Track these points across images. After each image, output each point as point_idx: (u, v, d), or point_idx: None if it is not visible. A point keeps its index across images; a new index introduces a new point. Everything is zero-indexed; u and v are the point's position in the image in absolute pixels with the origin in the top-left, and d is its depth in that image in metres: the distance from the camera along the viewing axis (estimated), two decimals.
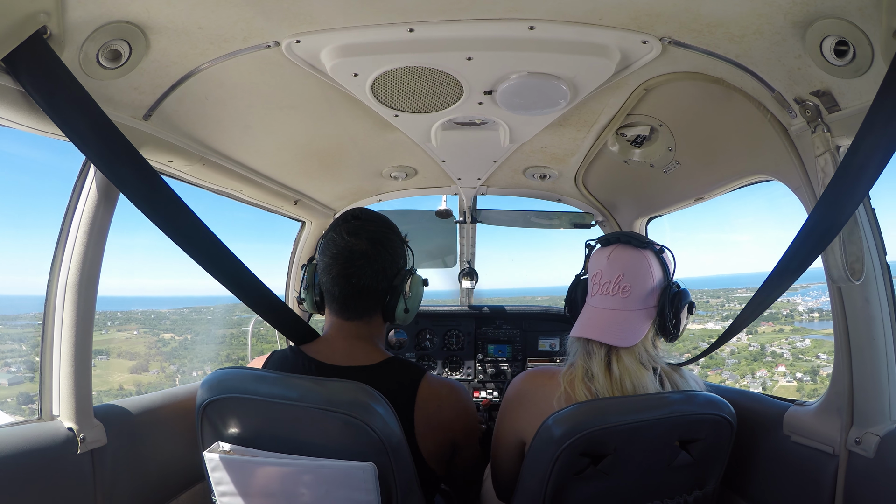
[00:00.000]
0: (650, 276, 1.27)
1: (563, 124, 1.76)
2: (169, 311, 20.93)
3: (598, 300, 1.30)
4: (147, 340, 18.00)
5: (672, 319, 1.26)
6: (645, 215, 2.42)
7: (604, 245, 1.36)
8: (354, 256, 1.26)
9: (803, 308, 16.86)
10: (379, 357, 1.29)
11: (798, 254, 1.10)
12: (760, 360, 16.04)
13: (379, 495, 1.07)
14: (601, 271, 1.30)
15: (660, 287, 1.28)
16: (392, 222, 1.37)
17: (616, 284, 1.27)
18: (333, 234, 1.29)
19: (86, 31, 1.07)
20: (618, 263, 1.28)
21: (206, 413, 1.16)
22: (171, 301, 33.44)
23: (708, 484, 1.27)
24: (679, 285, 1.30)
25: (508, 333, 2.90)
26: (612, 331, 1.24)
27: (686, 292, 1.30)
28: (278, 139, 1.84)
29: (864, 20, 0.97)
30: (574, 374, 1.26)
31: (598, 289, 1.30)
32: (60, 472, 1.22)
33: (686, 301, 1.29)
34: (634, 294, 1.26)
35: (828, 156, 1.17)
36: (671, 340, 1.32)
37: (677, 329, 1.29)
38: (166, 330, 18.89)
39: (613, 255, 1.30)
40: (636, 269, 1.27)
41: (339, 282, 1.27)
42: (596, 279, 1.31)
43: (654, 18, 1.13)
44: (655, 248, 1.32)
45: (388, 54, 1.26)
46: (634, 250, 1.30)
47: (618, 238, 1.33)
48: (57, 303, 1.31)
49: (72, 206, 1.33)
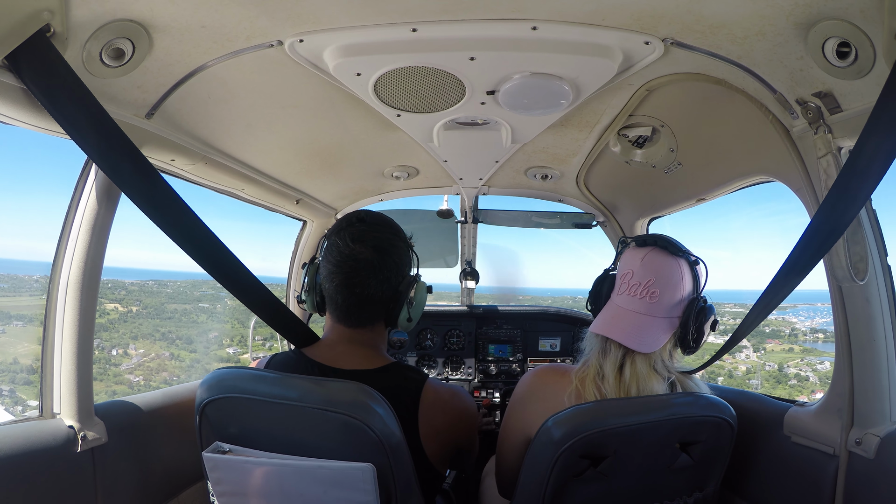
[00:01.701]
0: (681, 286, 1.26)
1: (565, 125, 1.76)
2: (130, 281, 19.85)
3: (624, 300, 1.29)
4: None
5: (694, 333, 1.25)
6: (646, 216, 2.42)
7: (639, 245, 1.33)
8: (359, 266, 1.23)
9: (802, 327, 16.70)
10: (382, 362, 1.28)
11: (803, 255, 1.09)
12: (785, 384, 15.77)
13: (378, 496, 1.07)
14: (632, 271, 1.29)
15: (688, 298, 1.27)
16: (397, 225, 1.35)
17: (645, 288, 1.25)
18: (337, 238, 1.26)
19: (89, 29, 1.07)
20: (651, 267, 1.26)
21: (205, 413, 1.16)
22: (141, 273, 32.30)
23: (708, 485, 1.27)
24: (706, 300, 1.28)
25: (509, 333, 2.90)
26: (633, 334, 1.23)
27: (712, 308, 1.28)
28: (280, 138, 1.84)
29: (866, 22, 0.97)
30: (587, 373, 1.26)
31: (627, 288, 1.28)
32: (61, 470, 1.22)
33: (711, 316, 1.28)
34: (662, 301, 1.25)
35: (830, 157, 1.17)
36: (689, 353, 1.31)
37: (698, 343, 1.27)
38: (114, 300, 17.48)
39: (648, 258, 1.28)
40: (668, 277, 1.26)
41: (343, 291, 1.25)
42: (625, 278, 1.30)
43: (656, 19, 1.14)
44: (691, 258, 1.30)
45: (390, 54, 1.26)
46: (670, 257, 1.28)
47: (655, 241, 1.31)
48: (58, 301, 1.31)
49: (73, 204, 1.33)
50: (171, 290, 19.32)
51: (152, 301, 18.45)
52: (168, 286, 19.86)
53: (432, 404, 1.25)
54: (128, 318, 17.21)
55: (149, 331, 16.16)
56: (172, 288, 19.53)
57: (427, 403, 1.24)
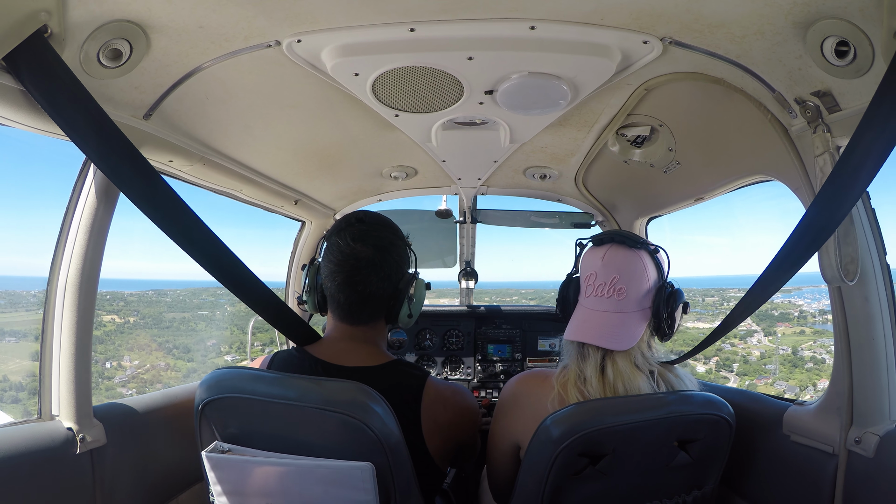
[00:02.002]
0: (645, 278, 1.26)
1: (564, 124, 1.76)
2: (129, 292, 19.53)
3: (592, 301, 1.29)
4: None
5: (667, 320, 1.26)
6: (645, 215, 2.42)
7: (597, 245, 1.33)
8: (361, 265, 1.25)
9: (810, 309, 16.65)
10: (383, 359, 1.29)
11: (793, 251, 1.10)
12: (802, 367, 15.66)
13: (377, 495, 1.07)
14: (595, 272, 1.29)
15: (654, 287, 1.27)
16: (395, 224, 1.37)
17: (611, 286, 1.25)
18: (337, 238, 1.28)
19: (87, 30, 1.07)
20: (613, 265, 1.27)
21: (204, 413, 1.16)
22: (141, 284, 32.11)
23: (707, 484, 1.27)
24: (673, 285, 1.29)
25: (508, 333, 2.90)
26: (608, 334, 1.23)
27: (680, 292, 1.29)
28: (279, 139, 1.84)
29: (864, 21, 0.97)
30: (567, 377, 1.26)
31: (593, 290, 1.28)
32: (60, 472, 1.22)
33: (681, 301, 1.29)
34: (630, 296, 1.25)
35: (827, 156, 1.17)
36: (665, 340, 1.32)
37: (672, 329, 1.28)
38: (111, 311, 17.06)
39: (608, 257, 1.28)
40: (631, 271, 1.26)
41: (345, 289, 1.27)
42: (590, 280, 1.30)
43: (655, 19, 1.13)
44: (650, 248, 1.30)
45: (388, 54, 1.26)
46: (629, 251, 1.28)
47: (611, 238, 1.31)
48: (56, 302, 1.31)
49: (72, 205, 1.33)
50: (170, 298, 19.24)
51: (150, 311, 18.32)
52: (167, 295, 19.79)
53: (434, 401, 1.25)
54: (125, 328, 17.01)
55: (145, 341, 16.07)
56: (172, 297, 19.49)
57: (429, 400, 1.25)
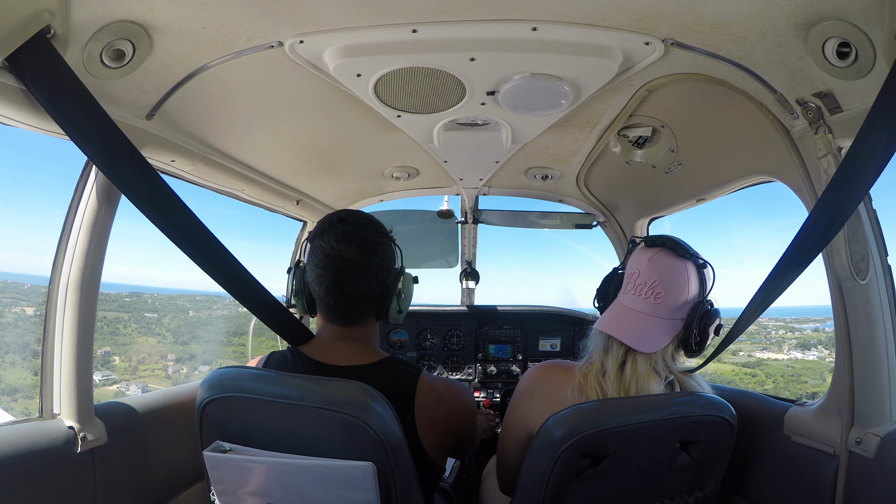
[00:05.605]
0: (686, 289, 1.25)
1: (566, 125, 1.76)
2: (115, 293, 19.57)
3: (629, 299, 1.29)
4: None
5: (697, 336, 1.25)
6: (646, 216, 2.42)
7: (647, 245, 1.33)
8: (347, 266, 1.24)
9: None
10: (376, 357, 1.29)
11: (798, 252, 1.10)
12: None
13: (378, 495, 1.07)
14: (639, 271, 1.29)
15: (693, 301, 1.26)
16: (378, 221, 1.35)
17: (651, 288, 1.25)
18: (321, 241, 1.26)
19: (89, 30, 1.07)
20: (657, 268, 1.26)
21: (205, 412, 1.16)
22: (138, 290, 32.46)
23: (708, 485, 1.27)
24: (712, 303, 1.28)
25: (509, 333, 2.90)
26: (635, 333, 1.23)
27: (717, 311, 1.27)
28: (281, 139, 1.84)
29: (866, 22, 0.97)
30: (590, 369, 1.27)
31: (633, 288, 1.29)
32: (61, 470, 1.22)
33: (715, 320, 1.27)
34: (666, 302, 1.24)
35: (830, 157, 1.17)
36: (691, 356, 1.31)
37: (700, 347, 1.27)
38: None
39: (655, 259, 1.28)
40: (673, 279, 1.25)
41: (333, 292, 1.26)
42: (632, 278, 1.30)
43: (656, 20, 1.14)
44: (699, 261, 1.29)
45: (391, 55, 1.26)
46: (677, 259, 1.27)
47: (663, 242, 1.31)
48: (58, 302, 1.31)
49: (73, 205, 1.33)
50: (148, 300, 19.40)
51: (125, 315, 18.35)
52: (142, 297, 19.99)
53: (427, 396, 1.25)
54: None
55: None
56: (150, 300, 19.63)
57: (423, 396, 1.25)
